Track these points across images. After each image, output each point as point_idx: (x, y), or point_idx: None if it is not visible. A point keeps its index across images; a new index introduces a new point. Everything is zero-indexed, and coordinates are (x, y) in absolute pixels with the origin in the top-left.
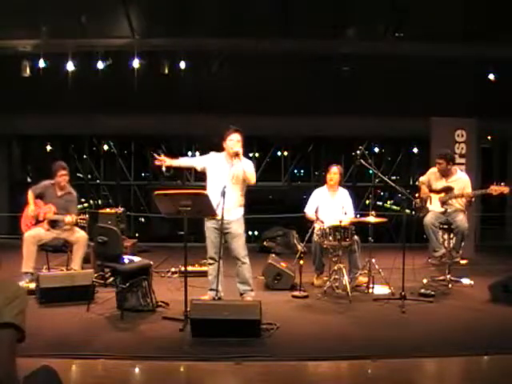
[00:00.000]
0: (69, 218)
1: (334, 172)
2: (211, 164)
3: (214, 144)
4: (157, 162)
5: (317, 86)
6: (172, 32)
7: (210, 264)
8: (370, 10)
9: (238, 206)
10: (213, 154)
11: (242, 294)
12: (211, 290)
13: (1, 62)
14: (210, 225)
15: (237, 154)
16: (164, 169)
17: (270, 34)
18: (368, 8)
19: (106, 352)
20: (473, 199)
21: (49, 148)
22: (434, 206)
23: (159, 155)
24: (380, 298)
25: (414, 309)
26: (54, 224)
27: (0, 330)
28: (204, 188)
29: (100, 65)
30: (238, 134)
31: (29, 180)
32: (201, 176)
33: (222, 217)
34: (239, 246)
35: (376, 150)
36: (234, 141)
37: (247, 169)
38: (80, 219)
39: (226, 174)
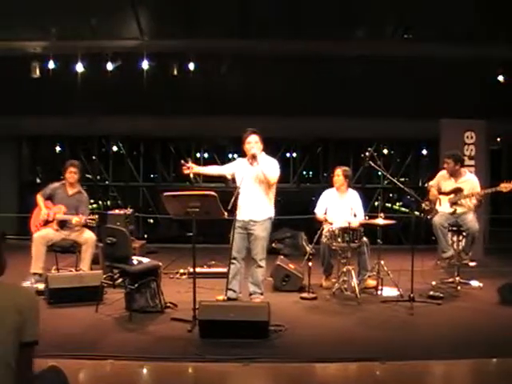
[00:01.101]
0: (76, 219)
1: (338, 174)
2: (237, 169)
3: (222, 145)
4: (185, 170)
5: (326, 87)
6: (181, 33)
7: (231, 263)
8: (379, 11)
9: (263, 208)
10: (239, 159)
11: (251, 295)
12: (228, 289)
13: (11, 64)
14: (236, 224)
15: (253, 157)
16: (192, 176)
17: (279, 35)
18: (377, 9)
19: (114, 353)
20: (482, 199)
21: (58, 149)
22: (444, 207)
23: (187, 162)
24: (389, 300)
25: (422, 311)
26: (63, 225)
27: (28, 348)
28: (212, 189)
29: (109, 66)
30: (255, 135)
31: (38, 181)
32: (209, 177)
33: (235, 218)
34: (259, 249)
35: (385, 151)
36: (251, 143)
37: (265, 169)
38: (89, 219)
39: (248, 177)
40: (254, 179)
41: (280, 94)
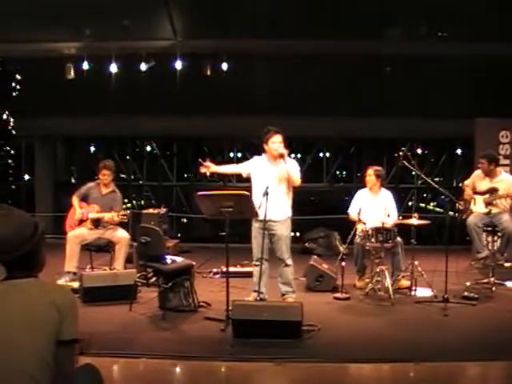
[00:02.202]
0: (109, 216)
1: (369, 174)
2: (255, 168)
3: (255, 145)
4: (202, 169)
5: (359, 86)
6: (214, 33)
7: (255, 265)
8: (412, 10)
9: (283, 207)
10: (256, 158)
11: (283, 295)
12: (255, 291)
13: (45, 65)
14: (256, 225)
15: (282, 156)
16: (208, 174)
17: (311, 34)
18: (410, 8)
19: (147, 351)
20: None
21: (92, 149)
22: (478, 207)
23: (204, 161)
24: (422, 301)
25: (456, 312)
26: (97, 224)
27: (67, 347)
28: (246, 189)
29: (143, 67)
30: (279, 134)
31: (73, 181)
32: (242, 177)
33: (265, 217)
34: (283, 248)
35: (419, 151)
36: (276, 143)
37: (291, 170)
38: (121, 215)
39: (270, 176)
40: (276, 179)
41: (313, 93)
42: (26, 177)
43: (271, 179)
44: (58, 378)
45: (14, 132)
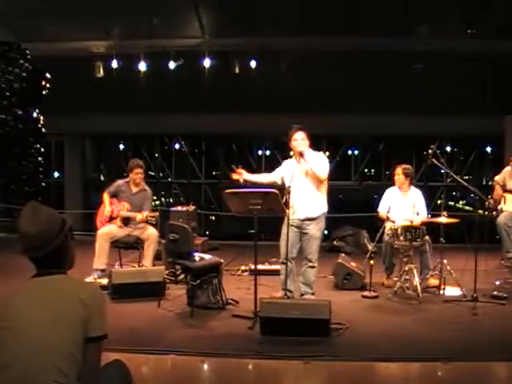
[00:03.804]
0: (140, 216)
1: (398, 173)
2: (285, 171)
3: (283, 143)
4: (234, 175)
5: (388, 84)
6: (242, 31)
7: (282, 263)
8: (442, 8)
9: (316, 203)
10: (285, 162)
11: (302, 295)
12: (283, 290)
13: (75, 64)
14: (289, 223)
15: (301, 154)
16: (242, 181)
17: (339, 32)
18: (440, 5)
19: (175, 348)
20: None
21: (121, 147)
22: (508, 206)
23: (237, 167)
24: (451, 300)
25: (486, 311)
26: (126, 221)
27: (95, 343)
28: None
29: (171, 65)
30: (302, 132)
31: (102, 178)
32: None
33: (288, 216)
34: (314, 249)
35: (448, 149)
36: (298, 140)
37: (313, 166)
38: (150, 216)
39: (298, 174)
40: (303, 176)
41: (341, 91)
42: (56, 174)
43: (299, 177)
44: (86, 374)
45: (43, 130)
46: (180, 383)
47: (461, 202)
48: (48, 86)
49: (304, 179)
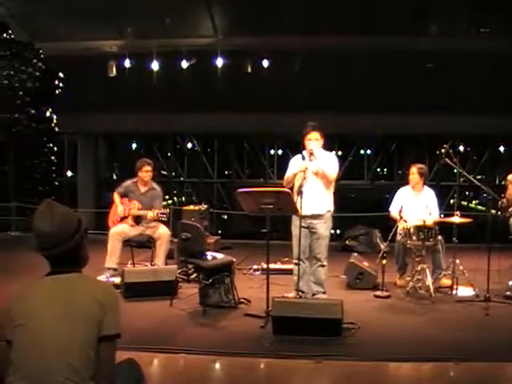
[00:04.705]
0: (150, 214)
1: (413, 172)
2: (294, 168)
3: (296, 142)
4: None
5: (400, 83)
6: (255, 31)
7: (295, 264)
8: (454, 6)
9: (322, 201)
10: (295, 158)
11: (313, 295)
12: (296, 290)
13: (88, 63)
14: (297, 223)
15: (311, 153)
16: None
17: (351, 31)
18: (453, 4)
19: (187, 347)
20: None
21: (134, 146)
22: None
23: None
24: (464, 300)
25: (498, 311)
26: (138, 220)
27: (109, 342)
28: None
29: (184, 64)
30: (316, 131)
31: (114, 177)
32: (283, 174)
33: (301, 216)
34: (323, 248)
35: (461, 148)
36: (311, 140)
37: (323, 167)
38: (160, 213)
39: (308, 172)
40: (313, 174)
41: (353, 90)
42: (69, 173)
43: (309, 175)
44: (101, 372)
45: (56, 129)
46: (192, 382)
47: (474, 202)
48: (61, 85)
49: (313, 177)
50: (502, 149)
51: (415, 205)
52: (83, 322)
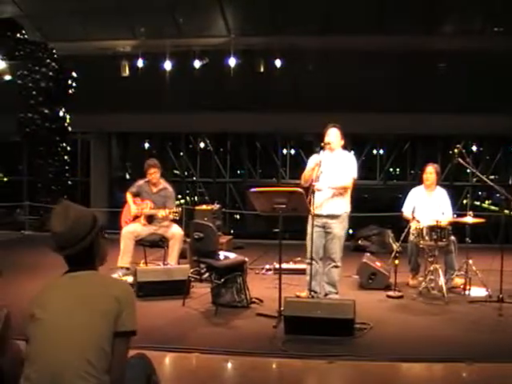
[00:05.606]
0: (162, 213)
1: (430, 172)
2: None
3: (308, 141)
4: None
5: (413, 83)
6: (267, 30)
7: (308, 263)
8: (467, 5)
9: (338, 202)
10: (313, 157)
11: (326, 295)
12: (309, 290)
13: (101, 63)
14: (312, 223)
15: (327, 144)
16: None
17: (364, 31)
18: (466, 3)
19: (199, 346)
20: None
21: (146, 145)
22: None
23: None
24: (476, 300)
25: (511, 312)
26: (150, 219)
27: (124, 338)
28: (298, 185)
29: (196, 64)
30: (336, 129)
31: (127, 177)
32: (295, 173)
33: (313, 215)
34: (337, 248)
35: (474, 148)
36: (329, 135)
37: (334, 181)
38: (173, 213)
39: (325, 170)
40: (330, 174)
41: (366, 90)
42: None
43: (326, 174)
44: (114, 367)
45: (70, 129)
46: (204, 381)
47: (487, 202)
48: (74, 85)
49: (330, 175)
50: None
51: (428, 205)
52: (100, 317)
